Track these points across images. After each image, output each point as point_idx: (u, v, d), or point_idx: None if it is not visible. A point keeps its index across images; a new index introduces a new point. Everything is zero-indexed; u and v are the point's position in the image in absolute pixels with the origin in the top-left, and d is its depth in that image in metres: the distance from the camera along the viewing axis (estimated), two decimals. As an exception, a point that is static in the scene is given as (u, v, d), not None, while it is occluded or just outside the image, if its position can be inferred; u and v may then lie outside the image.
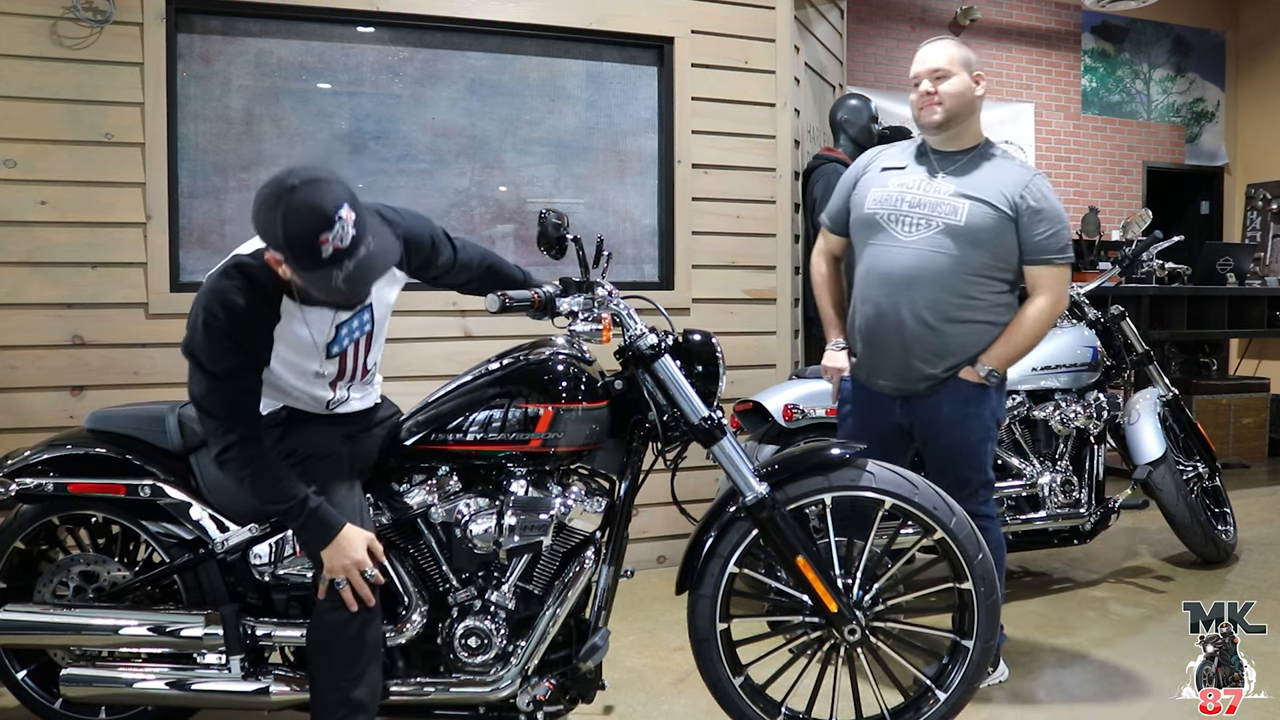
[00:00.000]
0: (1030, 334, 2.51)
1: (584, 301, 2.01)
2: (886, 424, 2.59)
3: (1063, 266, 2.52)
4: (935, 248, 2.45)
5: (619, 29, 3.82)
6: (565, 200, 3.90)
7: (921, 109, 2.50)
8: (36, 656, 2.23)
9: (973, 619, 2.14)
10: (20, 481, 2.14)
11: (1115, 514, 3.56)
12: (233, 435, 1.88)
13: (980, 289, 2.48)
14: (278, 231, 1.70)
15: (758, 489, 2.05)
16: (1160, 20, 7.54)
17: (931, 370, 2.51)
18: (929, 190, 2.50)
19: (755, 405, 3.33)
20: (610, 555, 2.10)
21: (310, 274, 1.73)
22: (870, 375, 2.61)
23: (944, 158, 2.54)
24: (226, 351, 1.84)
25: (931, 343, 2.48)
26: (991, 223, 2.44)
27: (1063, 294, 2.54)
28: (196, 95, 3.40)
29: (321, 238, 1.68)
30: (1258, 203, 7.72)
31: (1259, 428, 5.94)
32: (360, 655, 1.95)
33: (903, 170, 2.56)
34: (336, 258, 1.71)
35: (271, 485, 1.89)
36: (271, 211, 1.70)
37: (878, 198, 2.54)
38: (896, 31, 6.73)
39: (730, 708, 2.15)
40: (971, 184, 2.48)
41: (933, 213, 2.47)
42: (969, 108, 2.50)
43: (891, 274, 2.49)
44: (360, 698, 1.95)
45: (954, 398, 2.51)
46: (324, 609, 1.96)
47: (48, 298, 3.19)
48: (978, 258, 2.46)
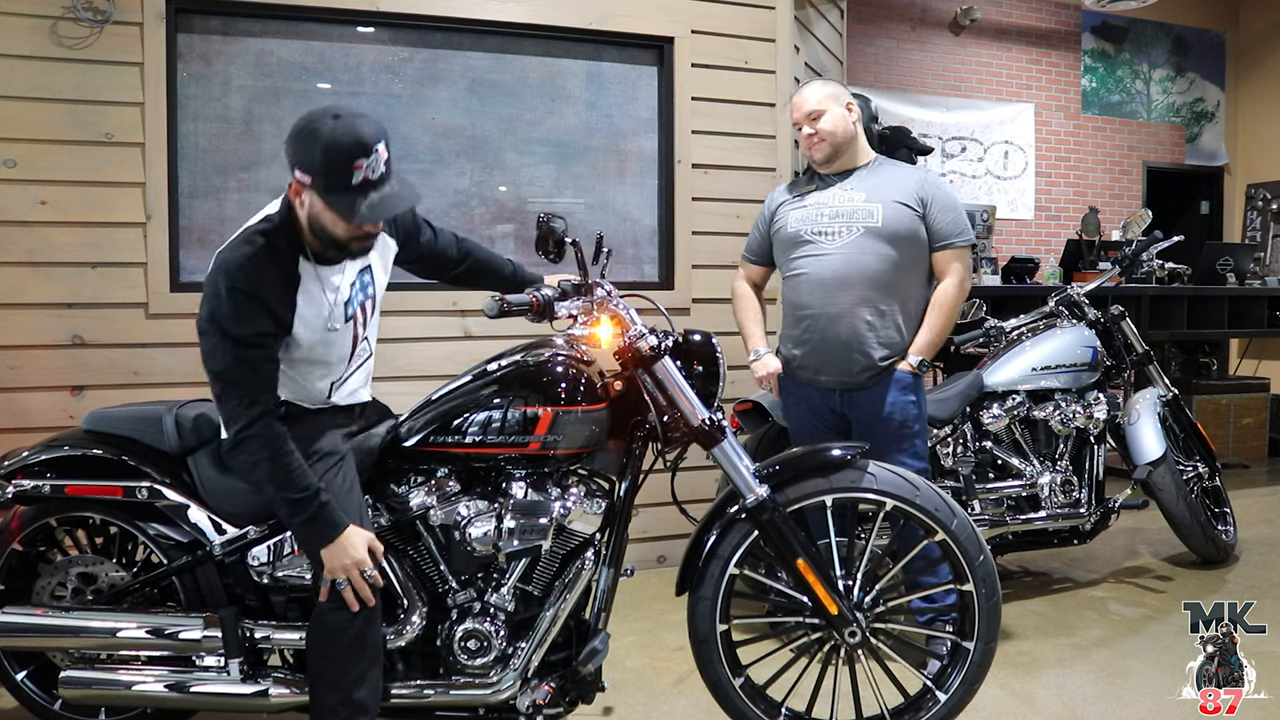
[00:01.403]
0: (947, 316, 2.75)
1: (583, 304, 2.01)
2: (830, 413, 2.83)
3: (963, 248, 2.76)
4: (859, 250, 2.70)
5: (619, 29, 3.82)
6: (565, 200, 3.90)
7: (811, 149, 2.79)
8: (36, 658, 2.23)
9: (973, 620, 2.14)
10: (17, 483, 2.13)
11: (1115, 514, 3.56)
12: (256, 409, 1.87)
13: (906, 283, 2.73)
14: (315, 152, 1.79)
15: (758, 491, 2.05)
16: (1160, 20, 7.54)
17: (872, 360, 2.71)
18: (843, 201, 2.76)
19: (755, 405, 3.33)
20: (610, 557, 2.10)
21: (337, 197, 1.81)
22: (813, 374, 2.81)
23: (842, 175, 2.81)
24: (252, 314, 1.86)
25: (867, 336, 2.70)
26: (906, 220, 2.70)
27: (965, 274, 2.77)
28: (196, 95, 3.40)
29: (356, 163, 1.79)
30: (1258, 203, 7.72)
31: (1259, 428, 5.94)
32: (361, 656, 1.95)
33: (815, 191, 2.83)
34: (364, 187, 1.81)
35: (288, 470, 1.88)
36: (311, 135, 1.80)
37: (799, 217, 2.81)
38: (896, 31, 6.73)
39: (730, 708, 2.15)
40: (878, 189, 2.74)
41: (851, 220, 2.72)
42: (849, 135, 2.77)
43: (824, 279, 2.73)
44: (361, 698, 1.94)
45: (894, 387, 2.73)
46: (324, 610, 1.96)
47: (48, 298, 3.19)
48: (899, 254, 2.70)
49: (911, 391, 2.74)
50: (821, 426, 2.83)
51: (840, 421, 2.83)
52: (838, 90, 2.81)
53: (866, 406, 2.75)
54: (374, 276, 2.14)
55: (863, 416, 2.77)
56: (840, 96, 2.78)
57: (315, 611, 1.98)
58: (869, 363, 2.71)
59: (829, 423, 2.83)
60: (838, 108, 2.75)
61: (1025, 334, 3.69)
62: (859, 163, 2.80)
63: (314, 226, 1.92)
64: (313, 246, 1.96)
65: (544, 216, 2.02)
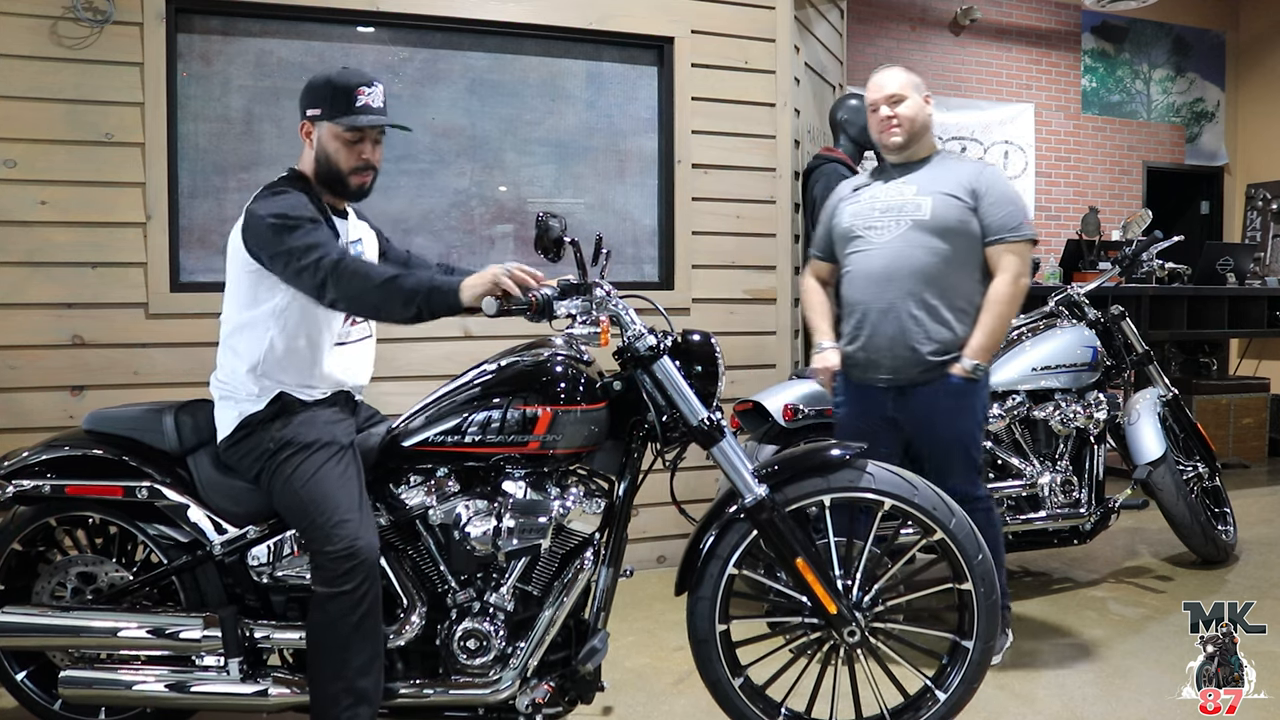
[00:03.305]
0: (999, 316, 2.67)
1: (582, 304, 2.01)
2: (878, 416, 2.76)
3: (1018, 243, 2.69)
4: (907, 243, 2.68)
5: (619, 29, 3.82)
6: (565, 200, 3.90)
7: (882, 132, 2.78)
8: (35, 658, 2.23)
9: (973, 619, 2.14)
10: (18, 483, 2.13)
11: (1115, 514, 3.56)
12: (336, 253, 1.96)
13: (955, 279, 2.68)
14: (323, 87, 2.09)
15: (757, 490, 2.05)
16: (1160, 20, 7.54)
17: (921, 355, 2.66)
18: (894, 196, 2.75)
19: (755, 405, 3.33)
20: (609, 556, 2.10)
21: (344, 118, 2.08)
22: (865, 372, 2.77)
23: (903, 168, 2.80)
24: (306, 204, 2.05)
25: (916, 331, 2.66)
26: (955, 212, 2.67)
27: (1022, 270, 2.69)
28: (196, 95, 3.40)
29: (360, 89, 2.09)
30: (1258, 203, 7.72)
31: (1259, 428, 5.94)
32: (363, 644, 1.95)
33: (869, 186, 2.84)
34: (366, 110, 2.10)
35: (387, 281, 1.92)
36: (320, 77, 2.12)
37: (852, 213, 2.81)
38: (896, 31, 6.72)
39: (730, 708, 2.15)
40: (930, 182, 2.72)
41: (899, 213, 2.71)
42: (924, 127, 2.78)
43: (872, 273, 2.72)
44: (365, 687, 1.95)
45: (948, 392, 2.67)
46: (324, 599, 1.95)
47: (48, 298, 3.19)
48: (948, 248, 2.67)
49: (964, 398, 2.67)
50: (868, 429, 2.70)
51: (889, 427, 2.75)
52: (918, 80, 2.80)
53: (918, 410, 2.69)
54: (363, 253, 2.25)
55: (914, 420, 2.72)
56: (920, 87, 2.78)
57: (314, 600, 1.98)
58: (918, 358, 2.66)
59: (877, 426, 2.74)
60: (918, 96, 2.75)
61: (1025, 334, 3.69)
62: (922, 155, 2.79)
63: (320, 162, 2.12)
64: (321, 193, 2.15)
65: (542, 215, 2.03)
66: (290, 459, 2.02)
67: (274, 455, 2.04)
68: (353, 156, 2.12)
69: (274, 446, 2.04)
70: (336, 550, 1.94)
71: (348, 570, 1.93)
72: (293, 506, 2.01)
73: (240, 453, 2.09)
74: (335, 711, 1.95)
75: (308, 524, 1.99)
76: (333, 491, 1.99)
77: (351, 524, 1.96)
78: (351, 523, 1.96)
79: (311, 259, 1.95)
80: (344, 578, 1.93)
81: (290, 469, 2.01)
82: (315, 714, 1.99)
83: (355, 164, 2.12)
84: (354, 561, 1.93)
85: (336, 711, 1.95)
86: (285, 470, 2.02)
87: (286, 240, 1.96)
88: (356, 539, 1.95)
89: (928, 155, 2.79)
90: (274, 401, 2.07)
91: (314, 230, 2.00)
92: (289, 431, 2.05)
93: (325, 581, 1.95)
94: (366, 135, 2.12)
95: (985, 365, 2.68)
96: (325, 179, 2.15)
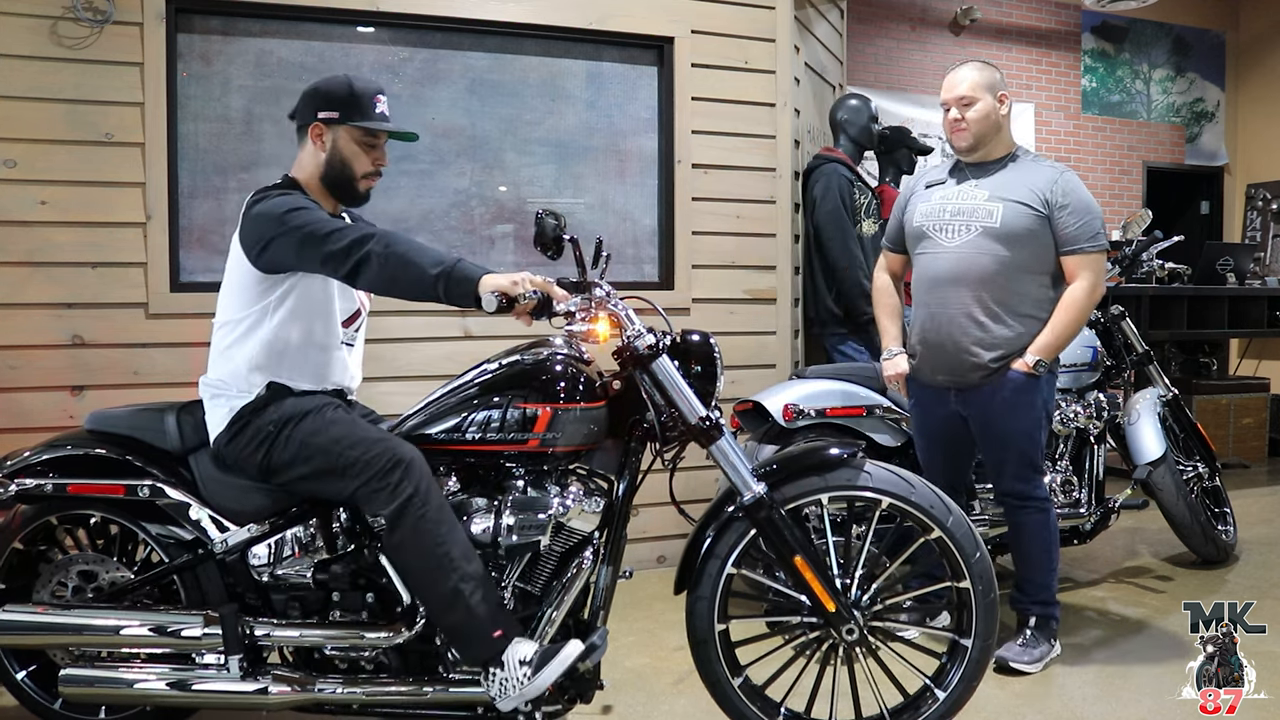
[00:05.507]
0: (1070, 320, 2.68)
1: (581, 302, 2.02)
2: (947, 413, 2.82)
3: (1094, 254, 2.68)
4: (976, 249, 2.69)
5: (619, 29, 3.82)
6: (565, 200, 3.90)
7: (953, 134, 2.78)
8: (36, 657, 2.23)
9: (971, 618, 2.15)
10: (20, 482, 2.14)
11: (1115, 514, 3.56)
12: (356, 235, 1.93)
13: (1022, 285, 2.69)
14: (341, 91, 2.13)
15: (755, 489, 2.05)
16: (1160, 20, 7.54)
17: (981, 361, 2.70)
18: (966, 198, 2.74)
19: (755, 405, 3.33)
20: (608, 555, 2.10)
21: (364, 120, 2.13)
22: (930, 372, 2.83)
23: (977, 169, 2.79)
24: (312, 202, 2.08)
25: (979, 337, 2.70)
26: (1026, 221, 2.66)
27: (1097, 280, 2.69)
28: (196, 95, 3.41)
29: (377, 97, 2.17)
30: (1258, 203, 7.72)
31: (1259, 428, 5.94)
32: (450, 532, 1.95)
33: (943, 184, 2.83)
34: (383, 117, 2.17)
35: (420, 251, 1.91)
36: (333, 81, 2.17)
37: (924, 211, 2.81)
38: (896, 31, 6.72)
39: (729, 708, 2.15)
40: (1004, 188, 2.71)
41: (970, 218, 2.71)
42: (995, 127, 2.74)
43: (939, 276, 2.75)
44: (474, 571, 1.95)
45: (1007, 387, 2.69)
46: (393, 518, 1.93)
47: (48, 298, 3.19)
48: (1016, 256, 2.67)
49: (1024, 394, 2.68)
50: (936, 430, 2.84)
51: (956, 424, 2.82)
52: (993, 78, 2.75)
53: (980, 406, 2.74)
54: None
55: (977, 417, 2.77)
56: (995, 86, 2.74)
57: (387, 528, 1.96)
58: (978, 363, 2.70)
59: (944, 425, 2.83)
60: (990, 98, 2.71)
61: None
62: (997, 155, 2.77)
63: (332, 165, 2.15)
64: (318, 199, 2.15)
65: (542, 213, 2.03)
66: (297, 427, 2.04)
67: (277, 435, 2.04)
68: (368, 161, 2.17)
69: (274, 428, 2.04)
70: (381, 465, 1.95)
71: (400, 478, 1.94)
72: (317, 460, 2.01)
73: (239, 445, 2.08)
74: (462, 605, 1.93)
75: (342, 464, 1.99)
76: (351, 429, 2.03)
77: (383, 441, 2.00)
78: (382, 440, 2.00)
79: (346, 240, 1.93)
80: (400, 486, 1.94)
81: (301, 434, 2.03)
82: (451, 632, 1.98)
83: (369, 168, 2.18)
84: (402, 466, 1.95)
85: (463, 605, 1.93)
86: (296, 438, 2.03)
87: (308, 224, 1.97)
88: (396, 449, 1.98)
89: (1003, 156, 2.77)
90: (264, 391, 2.08)
91: (331, 219, 2.02)
92: (285, 410, 2.06)
93: (384, 502, 1.95)
94: (379, 141, 2.18)
95: (1047, 363, 2.68)
96: (334, 182, 2.17)
